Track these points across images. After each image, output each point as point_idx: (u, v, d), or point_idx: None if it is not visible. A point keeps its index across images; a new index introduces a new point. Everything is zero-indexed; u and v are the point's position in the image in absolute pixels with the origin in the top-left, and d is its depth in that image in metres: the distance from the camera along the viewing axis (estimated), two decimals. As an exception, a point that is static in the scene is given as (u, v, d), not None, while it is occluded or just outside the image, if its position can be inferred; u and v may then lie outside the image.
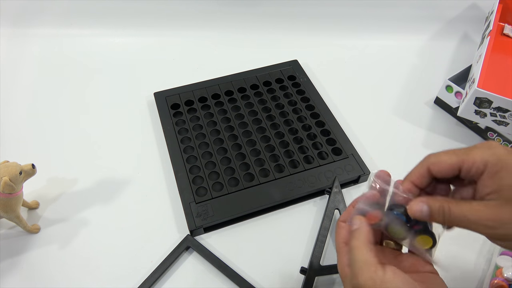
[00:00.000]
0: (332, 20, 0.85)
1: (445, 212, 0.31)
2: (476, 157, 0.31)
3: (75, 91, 0.74)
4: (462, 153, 0.32)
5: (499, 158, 0.30)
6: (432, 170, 0.33)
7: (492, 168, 0.30)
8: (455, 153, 0.32)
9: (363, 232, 0.33)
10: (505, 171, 0.29)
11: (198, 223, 0.52)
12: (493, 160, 0.30)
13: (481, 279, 0.49)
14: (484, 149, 0.31)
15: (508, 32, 0.74)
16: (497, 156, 0.30)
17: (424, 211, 0.32)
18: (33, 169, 0.50)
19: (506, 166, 0.29)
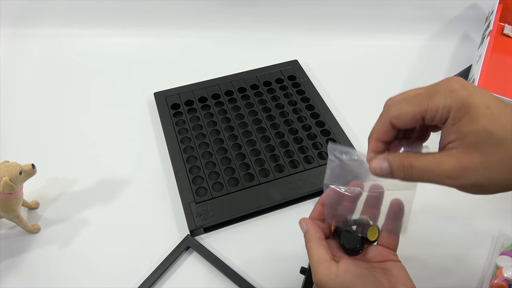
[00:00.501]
0: (332, 20, 0.85)
1: (405, 167, 0.30)
2: (439, 105, 0.29)
3: (75, 91, 0.74)
4: (424, 100, 0.30)
5: (462, 103, 0.28)
6: (395, 124, 0.31)
7: (455, 115, 0.28)
8: (416, 101, 0.30)
9: (311, 234, 0.36)
10: (468, 116, 0.27)
11: (198, 223, 0.52)
12: (456, 106, 0.28)
13: (481, 279, 0.49)
14: (447, 94, 0.28)
15: (508, 32, 0.74)
16: (460, 101, 0.28)
17: (384, 168, 0.31)
18: (33, 169, 0.50)
19: (469, 111, 0.27)
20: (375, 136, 0.33)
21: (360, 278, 0.32)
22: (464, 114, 0.27)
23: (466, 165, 0.27)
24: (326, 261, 0.33)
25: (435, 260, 0.51)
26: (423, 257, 0.52)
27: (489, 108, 0.27)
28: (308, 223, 0.37)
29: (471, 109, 0.27)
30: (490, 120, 0.27)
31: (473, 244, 0.53)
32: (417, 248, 0.52)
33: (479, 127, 0.27)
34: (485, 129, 0.27)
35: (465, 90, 0.28)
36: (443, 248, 0.52)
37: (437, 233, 0.54)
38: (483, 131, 0.27)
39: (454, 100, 0.28)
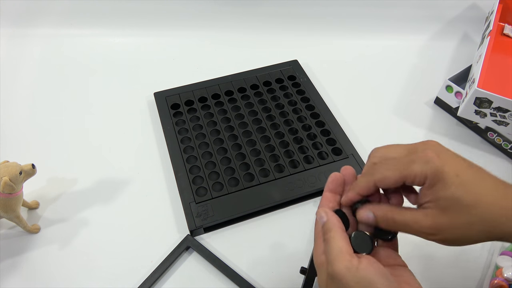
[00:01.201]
0: (332, 20, 0.85)
1: (388, 220, 0.34)
2: (416, 172, 0.33)
3: (75, 91, 0.74)
4: (404, 168, 0.34)
5: (436, 172, 0.32)
6: (379, 185, 0.35)
7: (430, 181, 0.32)
8: (397, 168, 0.34)
9: (333, 223, 0.34)
10: (441, 183, 0.32)
11: (198, 223, 0.52)
12: (431, 174, 0.32)
13: (481, 279, 0.49)
14: (423, 163, 0.33)
15: (508, 32, 0.74)
16: (434, 170, 0.32)
17: (370, 218, 0.35)
18: (33, 169, 0.50)
19: (442, 178, 0.32)
20: (358, 190, 0.37)
21: (380, 276, 0.31)
22: (437, 181, 0.32)
23: (438, 225, 0.32)
24: (348, 253, 0.32)
25: (435, 260, 0.51)
26: (423, 257, 0.52)
27: (458, 176, 0.32)
28: (329, 213, 0.36)
29: (443, 176, 0.32)
30: (459, 187, 0.31)
31: (473, 245, 0.53)
32: (417, 248, 0.52)
33: (449, 193, 0.31)
34: (454, 196, 0.31)
35: (438, 159, 0.32)
36: (443, 248, 0.52)
37: (437, 233, 0.54)
38: (452, 198, 0.31)
39: (429, 169, 0.32)
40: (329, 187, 0.39)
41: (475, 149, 0.65)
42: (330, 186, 0.39)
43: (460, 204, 0.31)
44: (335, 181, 0.38)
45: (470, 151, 0.64)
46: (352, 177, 0.39)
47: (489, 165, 0.63)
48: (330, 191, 0.39)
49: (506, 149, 0.63)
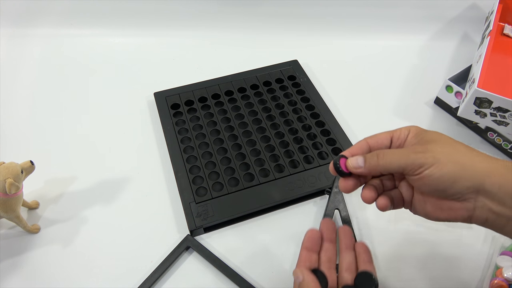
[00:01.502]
0: (332, 20, 0.85)
1: (378, 156, 0.36)
2: (402, 130, 0.38)
3: (75, 91, 0.74)
4: (391, 131, 0.39)
5: (417, 129, 0.37)
6: (369, 142, 0.39)
7: (413, 133, 0.37)
8: (387, 132, 0.39)
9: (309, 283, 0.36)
10: (423, 131, 0.37)
11: (198, 223, 0.52)
12: (414, 130, 0.37)
13: (481, 279, 0.49)
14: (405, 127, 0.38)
15: (508, 32, 0.74)
16: (415, 128, 0.37)
17: (360, 161, 0.37)
18: (32, 165, 0.50)
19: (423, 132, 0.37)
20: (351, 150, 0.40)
21: None
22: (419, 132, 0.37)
23: (424, 147, 0.34)
24: None
25: (435, 260, 0.51)
26: (423, 257, 0.52)
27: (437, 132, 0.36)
28: (305, 272, 0.37)
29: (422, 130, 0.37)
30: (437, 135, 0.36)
31: (473, 244, 0.53)
32: (417, 248, 0.52)
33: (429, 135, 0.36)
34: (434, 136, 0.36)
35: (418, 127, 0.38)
36: (443, 248, 0.52)
37: (437, 233, 0.54)
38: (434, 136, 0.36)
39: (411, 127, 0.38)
40: (305, 245, 0.39)
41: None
42: (307, 244, 0.39)
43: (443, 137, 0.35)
44: (312, 239, 0.39)
45: (470, 151, 0.64)
46: (331, 233, 0.40)
47: (489, 165, 0.63)
48: (306, 249, 0.39)
49: (506, 149, 0.63)
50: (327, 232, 0.40)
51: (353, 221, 0.55)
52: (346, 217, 0.53)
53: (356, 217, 0.56)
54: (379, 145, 0.39)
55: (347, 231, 0.41)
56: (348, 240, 0.40)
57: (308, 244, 0.39)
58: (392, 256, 0.52)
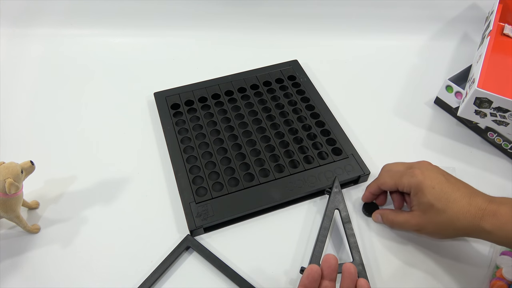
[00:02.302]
0: (332, 20, 0.85)
1: (389, 220, 0.51)
2: (404, 183, 0.48)
3: (75, 91, 0.74)
4: (397, 178, 0.49)
5: (418, 184, 0.46)
6: (381, 187, 0.52)
7: (414, 190, 0.47)
8: (393, 178, 0.50)
9: None
10: (421, 192, 0.46)
11: (198, 223, 0.52)
12: (414, 186, 0.47)
13: (481, 279, 0.49)
14: (409, 177, 0.48)
15: (508, 32, 0.74)
16: (416, 183, 0.47)
17: (379, 219, 0.53)
18: (32, 165, 0.50)
19: (421, 189, 0.46)
20: (369, 190, 0.54)
21: None
22: (419, 191, 0.46)
23: (420, 224, 0.47)
24: None
25: (435, 260, 0.51)
26: (423, 257, 0.52)
27: (434, 188, 0.45)
28: None
29: (422, 187, 0.46)
30: (433, 196, 0.45)
31: (473, 244, 0.53)
32: (417, 248, 0.52)
33: (426, 200, 0.46)
34: (429, 202, 0.45)
35: (421, 175, 0.47)
36: (443, 248, 0.52)
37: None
38: (428, 203, 0.45)
39: (413, 182, 0.47)
40: (303, 283, 0.40)
41: (475, 149, 0.65)
42: (305, 282, 0.40)
43: (435, 208, 0.45)
44: (311, 277, 0.39)
45: (470, 151, 0.64)
46: (332, 271, 0.40)
47: (489, 165, 0.63)
48: (305, 287, 0.39)
49: (506, 149, 0.63)
50: (328, 271, 0.40)
51: (353, 221, 0.55)
52: (346, 217, 0.53)
53: (356, 217, 0.56)
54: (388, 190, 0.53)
55: (351, 271, 0.40)
56: (351, 282, 0.40)
57: (306, 281, 0.39)
58: (392, 256, 0.52)
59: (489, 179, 0.60)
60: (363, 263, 0.49)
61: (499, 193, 0.47)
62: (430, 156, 0.63)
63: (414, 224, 0.47)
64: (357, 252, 0.50)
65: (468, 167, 0.62)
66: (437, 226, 0.45)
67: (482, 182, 0.59)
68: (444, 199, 0.44)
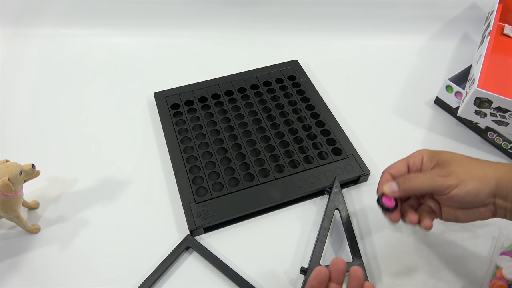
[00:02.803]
0: (332, 20, 0.85)
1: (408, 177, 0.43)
2: (414, 155, 0.45)
3: (75, 91, 0.74)
4: (406, 158, 0.46)
5: (428, 151, 0.45)
6: (390, 172, 0.46)
7: (426, 156, 0.44)
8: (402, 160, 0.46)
9: None
10: (435, 153, 0.44)
11: (198, 223, 0.52)
12: (426, 153, 0.45)
13: (481, 279, 0.49)
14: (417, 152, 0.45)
15: (508, 32, 0.74)
16: (426, 151, 0.45)
17: (394, 187, 0.43)
18: (33, 169, 0.50)
19: (434, 152, 0.44)
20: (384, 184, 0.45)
21: None
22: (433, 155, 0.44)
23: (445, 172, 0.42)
24: None
25: (436, 260, 0.51)
26: (423, 257, 0.52)
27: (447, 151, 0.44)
28: None
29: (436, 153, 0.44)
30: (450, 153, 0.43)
31: (473, 244, 0.53)
32: (417, 248, 0.52)
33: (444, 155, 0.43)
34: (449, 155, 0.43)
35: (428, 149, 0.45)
36: (444, 248, 0.52)
37: (438, 233, 0.54)
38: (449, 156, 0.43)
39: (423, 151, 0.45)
40: (312, 284, 0.39)
41: (475, 149, 0.65)
42: (313, 283, 0.39)
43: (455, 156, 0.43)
44: (319, 278, 0.38)
45: (470, 151, 0.64)
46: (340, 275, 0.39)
47: (489, 165, 0.63)
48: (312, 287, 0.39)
49: (506, 149, 0.63)
50: (336, 274, 0.39)
51: (353, 221, 0.55)
52: (346, 217, 0.53)
53: (356, 217, 0.56)
54: (399, 173, 0.45)
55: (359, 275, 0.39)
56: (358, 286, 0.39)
57: (314, 282, 0.39)
58: (392, 256, 0.52)
59: (489, 179, 0.60)
60: (363, 263, 0.49)
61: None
62: (430, 156, 0.63)
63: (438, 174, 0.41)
64: (357, 252, 0.50)
65: (468, 167, 0.62)
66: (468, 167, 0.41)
67: (482, 182, 0.60)
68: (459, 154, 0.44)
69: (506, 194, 0.40)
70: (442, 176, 0.41)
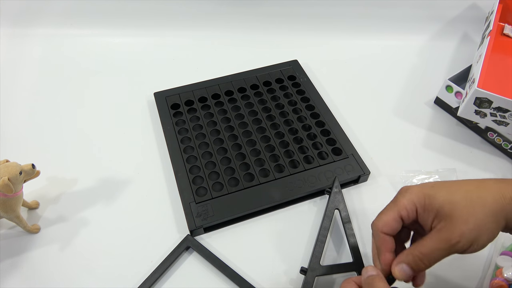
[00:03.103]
0: (332, 20, 0.85)
1: (419, 257, 0.35)
2: (404, 202, 0.37)
3: (75, 91, 0.74)
4: (393, 206, 0.38)
5: (417, 194, 0.37)
6: (386, 232, 0.38)
7: (419, 204, 0.36)
8: (388, 209, 0.38)
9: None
10: (428, 199, 0.36)
11: (198, 223, 0.52)
12: (416, 197, 0.37)
13: (481, 279, 0.49)
14: (404, 194, 0.37)
15: (508, 32, 0.74)
16: (415, 194, 0.37)
17: (406, 270, 0.36)
18: (33, 169, 0.50)
19: (426, 196, 0.36)
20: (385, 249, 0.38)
21: None
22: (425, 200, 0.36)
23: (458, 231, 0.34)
24: None
25: (435, 260, 0.51)
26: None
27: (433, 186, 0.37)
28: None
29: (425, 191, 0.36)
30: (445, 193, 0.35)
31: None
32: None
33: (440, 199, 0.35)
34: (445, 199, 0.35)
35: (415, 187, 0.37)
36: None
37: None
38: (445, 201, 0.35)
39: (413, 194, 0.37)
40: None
41: (475, 149, 0.65)
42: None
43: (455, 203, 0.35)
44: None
45: (470, 151, 0.64)
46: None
47: (489, 165, 0.63)
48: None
49: (506, 149, 0.63)
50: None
51: (353, 221, 0.55)
52: (346, 217, 0.53)
53: (356, 217, 0.56)
54: (393, 230, 0.38)
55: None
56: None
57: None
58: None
59: (489, 179, 0.60)
60: (363, 263, 0.49)
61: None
62: (430, 156, 0.63)
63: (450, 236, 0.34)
64: (357, 252, 0.50)
65: (468, 167, 0.62)
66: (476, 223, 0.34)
67: (482, 182, 0.60)
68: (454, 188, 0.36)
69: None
70: (453, 245, 0.34)
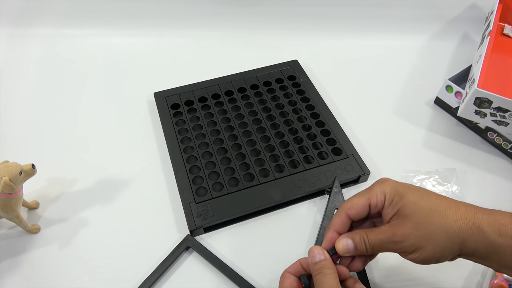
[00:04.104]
0: (332, 20, 0.85)
1: (365, 240, 0.38)
2: (377, 191, 0.39)
3: (75, 91, 0.74)
4: (366, 192, 0.39)
5: (392, 188, 0.38)
6: (350, 214, 0.40)
7: (389, 197, 0.38)
8: (361, 194, 0.40)
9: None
10: (398, 196, 0.37)
11: (198, 223, 0.52)
12: (389, 190, 0.38)
13: (481, 279, 0.49)
14: (380, 185, 0.39)
15: (508, 32, 0.74)
16: (390, 187, 0.38)
17: (350, 245, 0.38)
18: (33, 169, 0.50)
19: (398, 193, 0.38)
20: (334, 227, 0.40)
21: None
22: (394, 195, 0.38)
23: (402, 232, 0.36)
24: None
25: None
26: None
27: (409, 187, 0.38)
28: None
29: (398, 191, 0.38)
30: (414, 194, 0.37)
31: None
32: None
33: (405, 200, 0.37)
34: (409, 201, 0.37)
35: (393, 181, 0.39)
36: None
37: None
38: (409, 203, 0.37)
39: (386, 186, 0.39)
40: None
41: (475, 149, 0.65)
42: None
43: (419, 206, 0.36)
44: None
45: (470, 151, 0.64)
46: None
47: (489, 165, 0.63)
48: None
49: (506, 149, 0.63)
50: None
51: (353, 221, 0.55)
52: (346, 217, 0.53)
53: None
54: (359, 215, 0.40)
55: None
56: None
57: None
58: (391, 255, 0.52)
59: (489, 179, 0.60)
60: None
61: (499, 193, 0.47)
62: (430, 156, 0.63)
63: (394, 234, 0.36)
64: (357, 252, 0.50)
65: (468, 167, 0.62)
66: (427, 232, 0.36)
67: (482, 182, 0.60)
68: (425, 196, 0.37)
69: (472, 253, 0.36)
70: (397, 242, 0.36)
